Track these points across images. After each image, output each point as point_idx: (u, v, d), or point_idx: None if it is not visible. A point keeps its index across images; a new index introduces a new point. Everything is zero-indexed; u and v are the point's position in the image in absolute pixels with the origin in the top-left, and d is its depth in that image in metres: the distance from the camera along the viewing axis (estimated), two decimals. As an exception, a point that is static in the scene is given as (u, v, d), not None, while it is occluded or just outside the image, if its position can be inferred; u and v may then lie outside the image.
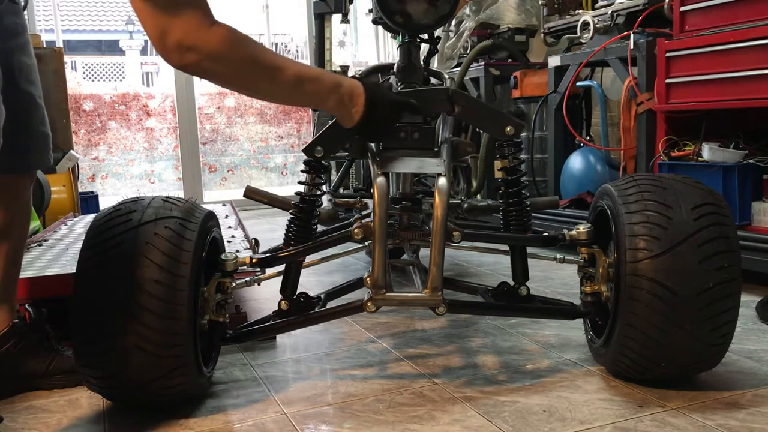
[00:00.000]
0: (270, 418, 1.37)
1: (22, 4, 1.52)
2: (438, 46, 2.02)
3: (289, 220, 1.58)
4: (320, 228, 1.75)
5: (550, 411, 1.35)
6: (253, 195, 1.76)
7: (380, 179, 1.38)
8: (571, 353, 1.68)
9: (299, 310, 1.55)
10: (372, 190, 1.38)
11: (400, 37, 1.85)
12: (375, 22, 1.89)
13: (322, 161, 1.55)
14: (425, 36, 1.87)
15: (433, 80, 2.12)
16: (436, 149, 1.49)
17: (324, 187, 1.64)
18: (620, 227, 1.38)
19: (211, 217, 1.48)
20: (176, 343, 1.28)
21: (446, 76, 2.09)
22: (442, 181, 1.38)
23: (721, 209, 1.35)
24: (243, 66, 1.20)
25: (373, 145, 1.49)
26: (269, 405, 1.44)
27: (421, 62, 1.89)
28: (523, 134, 3.55)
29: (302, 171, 1.59)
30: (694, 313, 1.29)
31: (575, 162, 3.11)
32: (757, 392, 1.41)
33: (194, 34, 1.12)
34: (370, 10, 2.64)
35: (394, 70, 1.85)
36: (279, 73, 1.24)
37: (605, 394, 1.42)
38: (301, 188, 1.59)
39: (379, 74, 2.16)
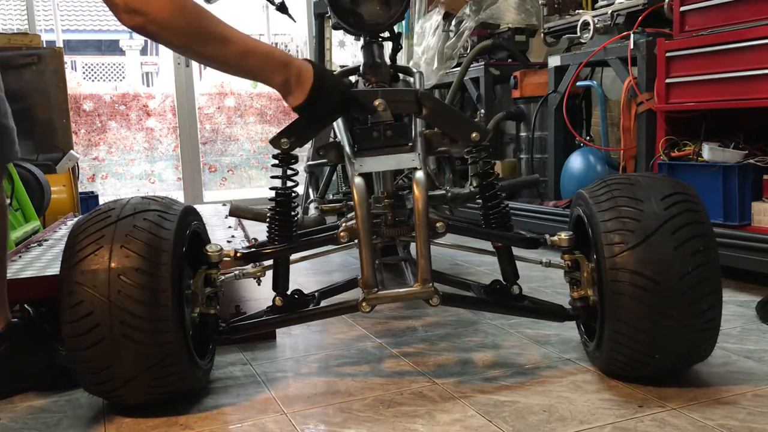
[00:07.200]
0: (270, 418, 1.37)
1: None
2: (432, 45, 2.04)
3: (269, 217, 1.58)
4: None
5: (550, 411, 1.35)
6: (238, 212, 1.79)
7: (357, 180, 1.40)
8: (571, 353, 1.68)
9: (294, 307, 1.55)
10: (351, 193, 1.39)
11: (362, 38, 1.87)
12: (335, 27, 1.91)
13: (291, 152, 1.55)
14: (387, 34, 1.88)
15: (407, 77, 2.10)
16: (410, 144, 1.50)
17: (312, 194, 1.64)
18: (595, 226, 1.40)
19: (191, 212, 1.50)
20: (163, 329, 1.29)
21: (415, 71, 2.07)
22: (419, 175, 1.40)
23: (690, 197, 1.38)
24: (188, 33, 1.25)
25: (347, 147, 1.50)
26: (269, 405, 1.44)
27: (387, 60, 1.91)
28: (523, 134, 3.55)
29: (273, 165, 1.58)
30: (678, 300, 1.30)
31: (575, 162, 3.11)
32: (757, 392, 1.41)
33: None
34: (328, 17, 2.66)
35: (360, 70, 1.86)
36: (225, 44, 1.28)
37: (605, 394, 1.42)
38: (276, 183, 1.58)
39: (351, 76, 2.15)
